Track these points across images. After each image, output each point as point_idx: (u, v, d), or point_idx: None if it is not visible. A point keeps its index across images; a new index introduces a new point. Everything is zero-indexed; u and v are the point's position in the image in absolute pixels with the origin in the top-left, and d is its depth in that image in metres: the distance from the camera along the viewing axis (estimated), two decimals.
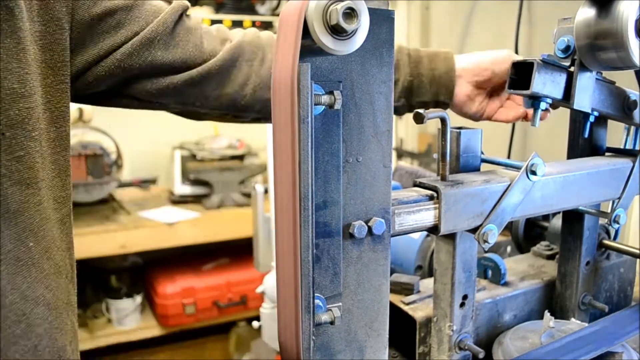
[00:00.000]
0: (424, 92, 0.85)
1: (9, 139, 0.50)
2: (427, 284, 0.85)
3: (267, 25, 2.53)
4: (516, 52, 1.51)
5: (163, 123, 2.76)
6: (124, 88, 0.70)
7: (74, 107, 2.19)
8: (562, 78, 0.69)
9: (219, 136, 2.62)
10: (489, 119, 0.88)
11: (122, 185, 2.52)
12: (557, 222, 0.97)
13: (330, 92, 0.48)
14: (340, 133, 0.51)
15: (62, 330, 0.55)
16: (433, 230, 0.61)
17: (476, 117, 0.88)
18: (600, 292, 0.89)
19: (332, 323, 0.51)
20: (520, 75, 0.68)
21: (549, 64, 0.67)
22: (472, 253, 0.69)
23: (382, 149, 0.54)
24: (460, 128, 0.67)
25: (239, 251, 2.36)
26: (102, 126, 2.22)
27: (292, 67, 0.44)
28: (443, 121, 0.61)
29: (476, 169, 0.68)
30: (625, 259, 0.91)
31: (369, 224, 0.54)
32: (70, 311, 0.58)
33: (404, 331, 0.78)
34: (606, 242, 0.86)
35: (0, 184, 0.49)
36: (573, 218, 0.82)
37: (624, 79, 0.77)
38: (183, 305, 2.24)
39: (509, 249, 1.15)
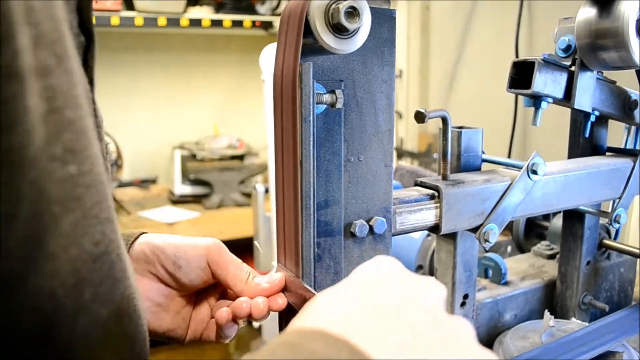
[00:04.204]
0: None
1: None
2: None
3: (267, 25, 2.53)
4: (516, 52, 1.51)
5: (163, 123, 2.77)
6: None
7: None
8: (562, 77, 0.69)
9: (219, 136, 2.62)
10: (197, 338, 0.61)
11: (122, 185, 2.52)
12: (557, 222, 0.97)
13: (332, 91, 0.48)
14: (342, 132, 0.51)
15: None
16: (434, 229, 0.61)
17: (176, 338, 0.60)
18: (600, 292, 0.88)
19: None
20: (521, 74, 0.68)
21: (549, 63, 0.67)
22: (473, 252, 0.69)
23: (383, 148, 0.54)
24: (461, 127, 0.67)
25: (239, 251, 2.35)
26: None
27: (294, 66, 0.44)
28: (444, 120, 0.61)
29: (477, 169, 0.68)
30: (626, 258, 0.90)
31: (370, 223, 0.54)
32: None
33: None
34: (606, 241, 0.86)
35: None
36: (573, 218, 0.82)
37: (624, 79, 0.77)
38: None
39: (509, 248, 1.15)
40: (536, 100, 0.70)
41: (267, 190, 1.49)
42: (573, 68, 0.70)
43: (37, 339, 0.28)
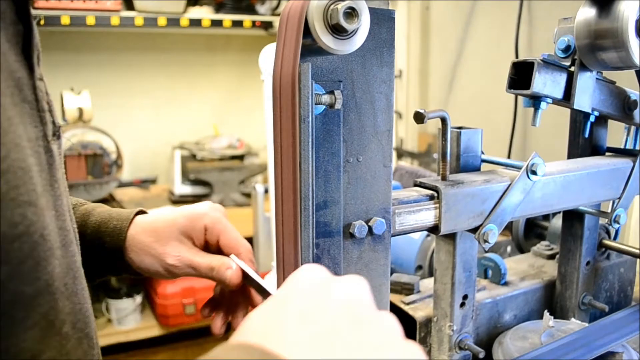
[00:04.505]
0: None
1: None
2: (427, 284, 0.85)
3: (267, 25, 2.53)
4: (516, 52, 1.51)
5: (163, 123, 2.77)
6: None
7: (74, 107, 2.19)
8: (562, 78, 0.69)
9: (219, 136, 2.62)
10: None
11: (122, 185, 2.52)
12: (557, 222, 0.96)
13: (331, 92, 0.48)
14: (341, 133, 0.51)
15: None
16: (433, 230, 0.61)
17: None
18: (600, 292, 0.88)
19: None
20: (521, 75, 0.68)
21: (549, 63, 0.67)
22: (473, 253, 0.69)
23: (382, 148, 0.54)
24: (460, 128, 0.67)
25: None
26: (102, 126, 2.22)
27: (293, 67, 0.44)
28: (443, 121, 0.61)
29: (476, 169, 0.68)
30: (625, 259, 0.90)
31: (370, 223, 0.54)
32: None
33: (404, 331, 0.78)
34: (606, 242, 0.86)
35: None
36: (573, 218, 0.82)
37: (624, 79, 0.76)
38: (183, 305, 2.24)
39: (509, 248, 1.15)
40: (536, 100, 0.70)
41: (266, 191, 1.49)
42: (572, 68, 0.70)
43: None
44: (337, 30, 0.44)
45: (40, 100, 0.40)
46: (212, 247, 0.61)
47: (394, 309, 0.78)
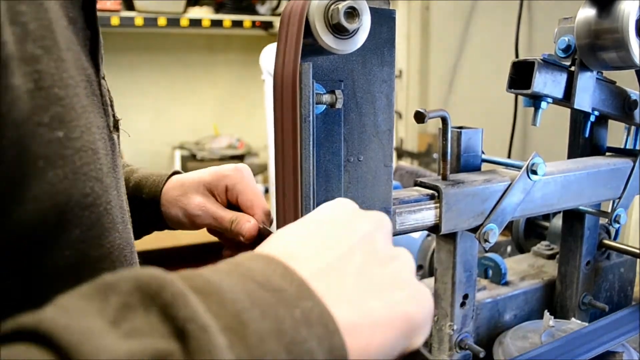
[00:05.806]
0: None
1: None
2: (427, 284, 0.85)
3: (267, 25, 2.54)
4: (516, 52, 1.51)
5: (163, 123, 2.77)
6: None
7: None
8: (562, 77, 0.69)
9: (219, 136, 2.62)
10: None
11: None
12: (557, 222, 0.97)
13: (332, 92, 0.48)
14: (342, 132, 0.51)
15: None
16: (434, 229, 0.61)
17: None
18: (600, 292, 0.88)
19: None
20: (521, 74, 0.68)
21: (549, 63, 0.67)
22: (473, 252, 0.69)
23: (383, 148, 0.54)
24: (461, 127, 0.67)
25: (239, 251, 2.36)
26: None
27: (294, 66, 0.44)
28: (444, 120, 0.61)
29: (477, 169, 0.68)
30: (626, 258, 0.90)
31: None
32: None
33: None
34: (606, 242, 0.86)
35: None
36: (573, 218, 0.82)
37: (624, 79, 0.77)
38: None
39: (509, 248, 1.15)
40: (536, 100, 0.70)
41: (267, 190, 1.48)
42: (573, 68, 0.70)
43: (22, 265, 0.34)
44: (338, 30, 0.44)
45: (104, 95, 0.46)
46: (233, 206, 0.66)
47: None
